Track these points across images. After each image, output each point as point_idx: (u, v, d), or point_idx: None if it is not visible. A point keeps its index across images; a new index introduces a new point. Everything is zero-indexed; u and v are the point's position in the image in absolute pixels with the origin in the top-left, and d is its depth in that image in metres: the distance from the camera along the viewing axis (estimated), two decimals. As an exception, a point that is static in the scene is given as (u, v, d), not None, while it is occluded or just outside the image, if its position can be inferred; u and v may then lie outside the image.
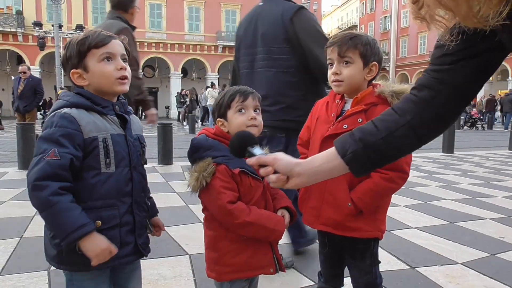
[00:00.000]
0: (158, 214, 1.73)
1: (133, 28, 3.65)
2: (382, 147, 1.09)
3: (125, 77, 1.47)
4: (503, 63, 6.51)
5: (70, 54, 1.44)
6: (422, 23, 0.93)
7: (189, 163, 1.59)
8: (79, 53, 1.42)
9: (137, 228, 1.50)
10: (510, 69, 35.23)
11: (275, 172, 1.14)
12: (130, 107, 1.59)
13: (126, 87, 1.48)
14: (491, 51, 0.97)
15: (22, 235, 3.40)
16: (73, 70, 1.44)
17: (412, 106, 1.07)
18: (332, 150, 1.14)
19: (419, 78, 1.10)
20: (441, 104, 1.04)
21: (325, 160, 1.14)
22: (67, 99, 1.41)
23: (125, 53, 1.50)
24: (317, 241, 1.88)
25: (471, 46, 0.97)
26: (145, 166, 1.61)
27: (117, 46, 1.46)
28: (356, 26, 55.29)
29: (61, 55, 1.46)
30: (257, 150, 1.21)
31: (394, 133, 1.08)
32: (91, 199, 1.38)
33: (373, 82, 1.70)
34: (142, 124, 1.71)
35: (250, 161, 1.20)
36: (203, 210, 1.62)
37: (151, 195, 1.70)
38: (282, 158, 1.15)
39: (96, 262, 1.33)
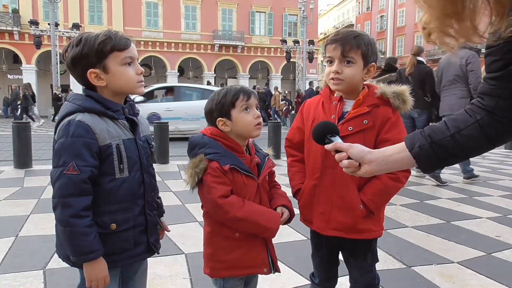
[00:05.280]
0: (163, 214, 1.76)
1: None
2: (449, 145, 1.10)
3: (143, 80, 1.53)
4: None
5: (88, 52, 1.41)
6: (435, 46, 0.99)
7: (185, 162, 1.59)
8: (101, 53, 1.41)
9: (149, 227, 1.56)
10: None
11: (349, 158, 1.20)
12: (138, 108, 1.61)
13: (143, 89, 1.53)
14: None
15: (18, 234, 3.38)
16: (91, 70, 1.42)
17: (481, 110, 1.09)
18: (402, 143, 1.18)
19: (480, 87, 1.11)
20: (505, 108, 1.05)
21: (396, 151, 1.18)
22: (80, 103, 1.41)
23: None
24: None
25: None
26: None
27: (135, 50, 1.50)
28: (352, 25, 55.28)
29: (68, 50, 1.44)
30: (336, 138, 1.28)
31: (462, 131, 1.09)
32: (107, 204, 1.43)
33: (366, 82, 1.69)
34: None
35: (327, 146, 1.26)
36: (202, 207, 1.62)
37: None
38: (356, 145, 1.21)
39: (88, 285, 1.40)
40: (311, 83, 21.97)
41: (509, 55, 1.00)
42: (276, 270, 1.64)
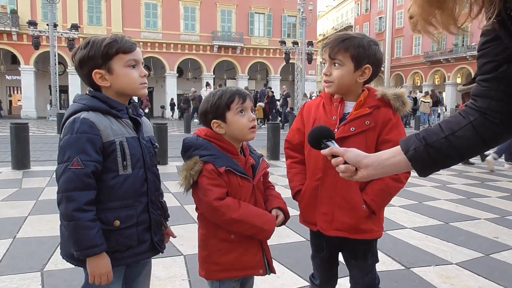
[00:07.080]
0: (168, 218, 1.75)
1: None
2: (444, 146, 1.10)
3: (146, 83, 1.58)
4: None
5: (94, 54, 1.48)
6: (420, 35, 1.02)
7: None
8: (106, 55, 1.48)
9: (153, 226, 1.58)
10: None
11: (345, 163, 1.20)
12: (141, 110, 1.65)
13: (146, 91, 1.59)
14: None
15: (15, 236, 3.37)
16: (96, 70, 1.48)
17: (474, 111, 1.09)
18: (398, 147, 1.18)
19: (473, 89, 1.11)
20: (497, 109, 1.05)
21: (392, 154, 1.18)
22: (84, 102, 1.48)
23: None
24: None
25: (506, 48, 0.98)
26: None
27: (140, 54, 1.56)
28: (351, 26, 55.42)
29: (77, 53, 1.52)
30: (331, 143, 1.28)
31: (456, 133, 1.09)
32: (110, 200, 1.46)
33: (366, 85, 1.70)
34: None
35: (324, 151, 1.26)
36: (196, 209, 1.62)
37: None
38: (352, 150, 1.21)
39: (91, 281, 1.42)
40: (266, 84, 22.29)
41: (499, 56, 1.00)
42: (272, 271, 1.64)
